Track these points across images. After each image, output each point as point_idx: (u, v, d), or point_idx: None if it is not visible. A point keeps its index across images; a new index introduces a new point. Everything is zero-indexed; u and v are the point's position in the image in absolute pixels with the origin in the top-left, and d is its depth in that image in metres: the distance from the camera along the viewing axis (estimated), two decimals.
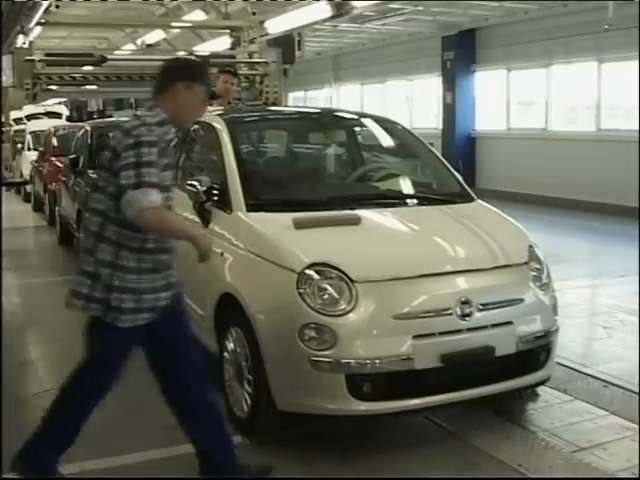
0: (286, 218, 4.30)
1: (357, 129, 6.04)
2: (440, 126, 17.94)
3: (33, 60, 11.14)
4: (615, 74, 14.15)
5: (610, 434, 4.24)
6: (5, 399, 4.57)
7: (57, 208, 10.81)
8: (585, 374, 5.19)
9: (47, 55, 11.72)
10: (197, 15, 14.78)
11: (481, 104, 17.56)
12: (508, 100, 16.81)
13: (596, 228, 12.09)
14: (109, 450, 4.18)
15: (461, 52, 17.38)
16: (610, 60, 14.13)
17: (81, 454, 4.11)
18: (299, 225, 4.24)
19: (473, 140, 17.46)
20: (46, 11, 11.16)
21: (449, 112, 17.77)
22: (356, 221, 4.38)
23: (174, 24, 15.39)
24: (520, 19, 15.49)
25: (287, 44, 12.94)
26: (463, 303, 3.93)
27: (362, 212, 4.52)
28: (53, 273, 9.02)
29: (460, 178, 5.29)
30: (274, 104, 11.92)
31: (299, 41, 13.21)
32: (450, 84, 17.70)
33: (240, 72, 12.47)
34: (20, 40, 11.88)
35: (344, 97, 22.86)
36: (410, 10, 15.05)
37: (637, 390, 4.89)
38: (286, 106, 14.90)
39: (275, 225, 4.37)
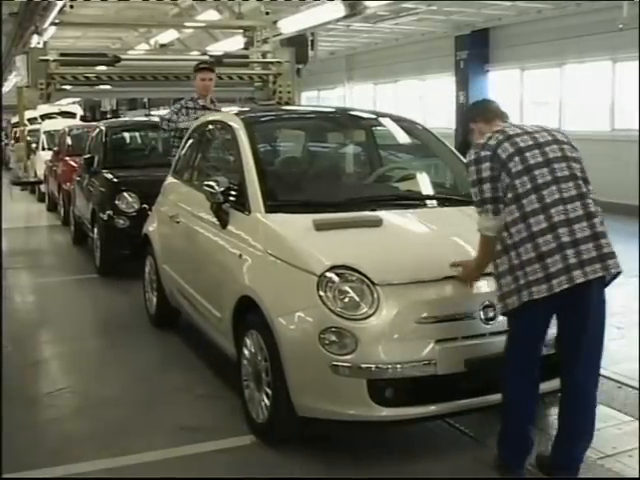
0: (306, 219, 4.24)
1: (376, 129, 5.94)
2: (453, 126, 17.89)
3: (47, 60, 11.19)
4: (629, 73, 14.06)
5: (636, 441, 4.16)
6: (5, 399, 4.58)
7: (72, 208, 10.79)
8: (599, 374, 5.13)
9: (61, 55, 11.77)
10: (210, 15, 14.77)
11: None
12: (521, 100, 16.72)
13: (609, 228, 11.99)
14: (122, 449, 4.17)
15: (474, 52, 17.31)
16: (624, 59, 14.04)
17: (94, 452, 4.17)
18: (319, 227, 4.18)
19: None
20: (60, 11, 11.21)
21: (462, 112, 17.70)
22: (377, 223, 4.32)
23: (187, 24, 15.41)
24: (533, 18, 15.44)
25: (300, 44, 12.97)
26: (486, 307, 3.85)
27: (383, 213, 4.46)
28: (67, 272, 9.03)
29: None
30: (287, 104, 11.92)
31: (312, 41, 13.24)
32: (463, 84, 17.63)
33: (253, 72, 12.54)
34: (34, 40, 11.92)
35: (357, 97, 22.83)
36: (423, 10, 15.02)
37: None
38: (302, 105, 14.90)
39: (295, 227, 4.31)
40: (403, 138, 5.83)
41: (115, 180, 8.75)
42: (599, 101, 14.83)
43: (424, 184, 5.26)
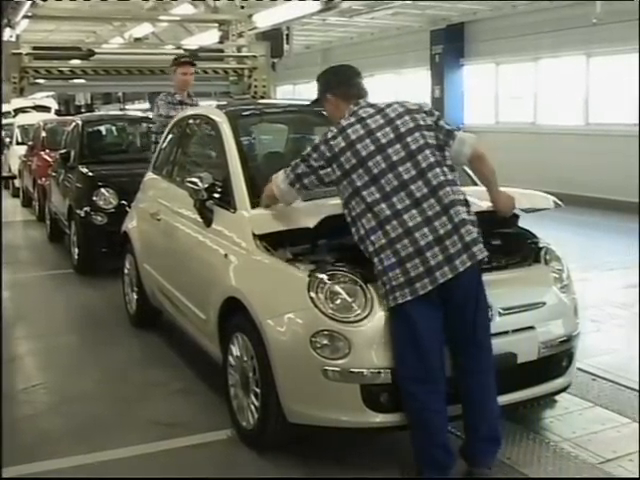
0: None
1: None
2: None
3: (20, 54, 11.09)
4: (603, 68, 14.20)
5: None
6: (5, 397, 4.57)
7: (47, 204, 10.65)
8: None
9: (34, 49, 11.67)
10: (185, 9, 14.72)
11: (470, 98, 17.57)
12: (497, 94, 16.82)
13: (583, 221, 12.05)
14: (97, 445, 4.14)
15: (449, 46, 17.38)
16: (598, 54, 14.18)
17: (69, 449, 4.14)
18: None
19: None
20: (33, 4, 11.12)
21: (438, 106, 17.69)
22: None
23: (162, 18, 15.36)
24: (508, 13, 15.54)
25: (275, 38, 12.97)
26: None
27: None
28: (41, 268, 8.98)
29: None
30: (262, 98, 11.91)
31: (287, 35, 13.23)
32: (439, 78, 17.69)
33: (228, 66, 12.52)
34: (7, 33, 11.82)
35: None
36: (399, 4, 15.05)
37: (624, 383, 4.87)
38: (285, 99, 14.77)
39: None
40: None
41: (92, 175, 8.61)
42: (573, 95, 14.94)
43: None
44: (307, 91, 24.09)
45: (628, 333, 6.17)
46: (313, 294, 3.65)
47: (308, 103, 4.76)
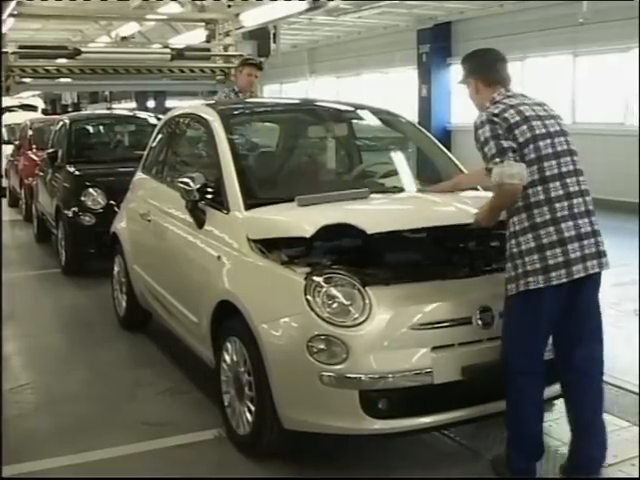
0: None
1: (356, 122, 5.74)
2: (416, 119, 17.97)
3: (6, 52, 11.02)
4: (589, 67, 14.26)
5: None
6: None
7: (34, 204, 10.58)
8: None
9: (20, 47, 11.61)
10: (172, 7, 14.67)
11: (457, 97, 17.59)
12: None
13: None
14: (85, 445, 4.12)
15: (436, 45, 17.43)
16: (585, 54, 14.26)
17: (57, 449, 4.11)
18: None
19: (449, 133, 17.49)
20: (19, 3, 11.06)
21: (425, 105, 17.79)
22: (364, 194, 4.30)
23: (149, 16, 15.29)
24: (496, 12, 15.55)
25: (262, 37, 12.95)
26: (483, 310, 3.65)
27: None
28: (28, 268, 8.91)
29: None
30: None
31: (274, 34, 13.21)
32: (426, 77, 17.72)
33: (215, 65, 12.51)
34: None
35: (320, 90, 22.81)
36: (385, 3, 15.05)
37: (611, 382, 4.82)
38: (278, 97, 14.77)
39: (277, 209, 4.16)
40: (387, 132, 5.72)
41: (80, 175, 8.54)
42: (560, 95, 14.98)
43: (409, 179, 5.08)
44: (294, 90, 24.15)
45: (616, 332, 6.17)
46: (309, 297, 3.56)
47: None
